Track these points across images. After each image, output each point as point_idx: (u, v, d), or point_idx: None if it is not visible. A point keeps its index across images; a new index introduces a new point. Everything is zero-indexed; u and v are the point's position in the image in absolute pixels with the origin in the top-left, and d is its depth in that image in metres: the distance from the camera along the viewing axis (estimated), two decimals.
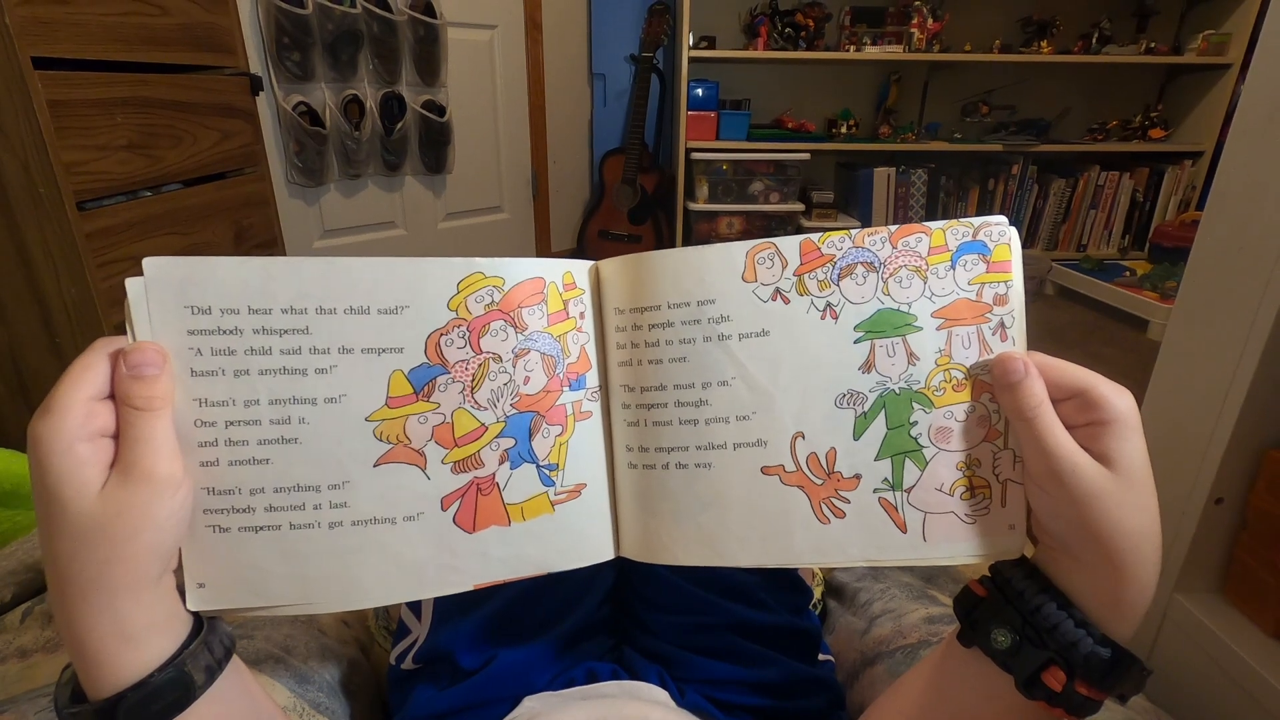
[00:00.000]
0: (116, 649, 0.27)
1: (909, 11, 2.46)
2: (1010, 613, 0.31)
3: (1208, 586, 0.74)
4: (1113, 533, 0.29)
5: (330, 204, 2.10)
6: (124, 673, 0.27)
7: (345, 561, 0.33)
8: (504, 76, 2.40)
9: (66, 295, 1.04)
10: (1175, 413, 0.74)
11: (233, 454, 0.31)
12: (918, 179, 2.62)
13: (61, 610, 0.27)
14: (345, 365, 0.32)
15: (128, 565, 0.27)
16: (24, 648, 0.70)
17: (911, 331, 0.33)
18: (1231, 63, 2.42)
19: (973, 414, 0.33)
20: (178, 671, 0.28)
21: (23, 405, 1.11)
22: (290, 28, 1.80)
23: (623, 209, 2.67)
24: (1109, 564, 0.29)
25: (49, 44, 0.98)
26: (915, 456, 0.33)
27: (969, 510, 0.33)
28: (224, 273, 0.31)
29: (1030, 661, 0.30)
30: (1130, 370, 1.83)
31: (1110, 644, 0.29)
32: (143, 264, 0.30)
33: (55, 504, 0.26)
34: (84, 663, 0.28)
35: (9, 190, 0.98)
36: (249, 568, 0.31)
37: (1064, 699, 0.29)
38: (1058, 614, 0.30)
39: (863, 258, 0.34)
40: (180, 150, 1.26)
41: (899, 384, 0.33)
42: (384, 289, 0.33)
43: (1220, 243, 0.69)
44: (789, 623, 0.52)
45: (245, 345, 0.31)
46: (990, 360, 0.33)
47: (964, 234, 0.33)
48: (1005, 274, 0.33)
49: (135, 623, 0.28)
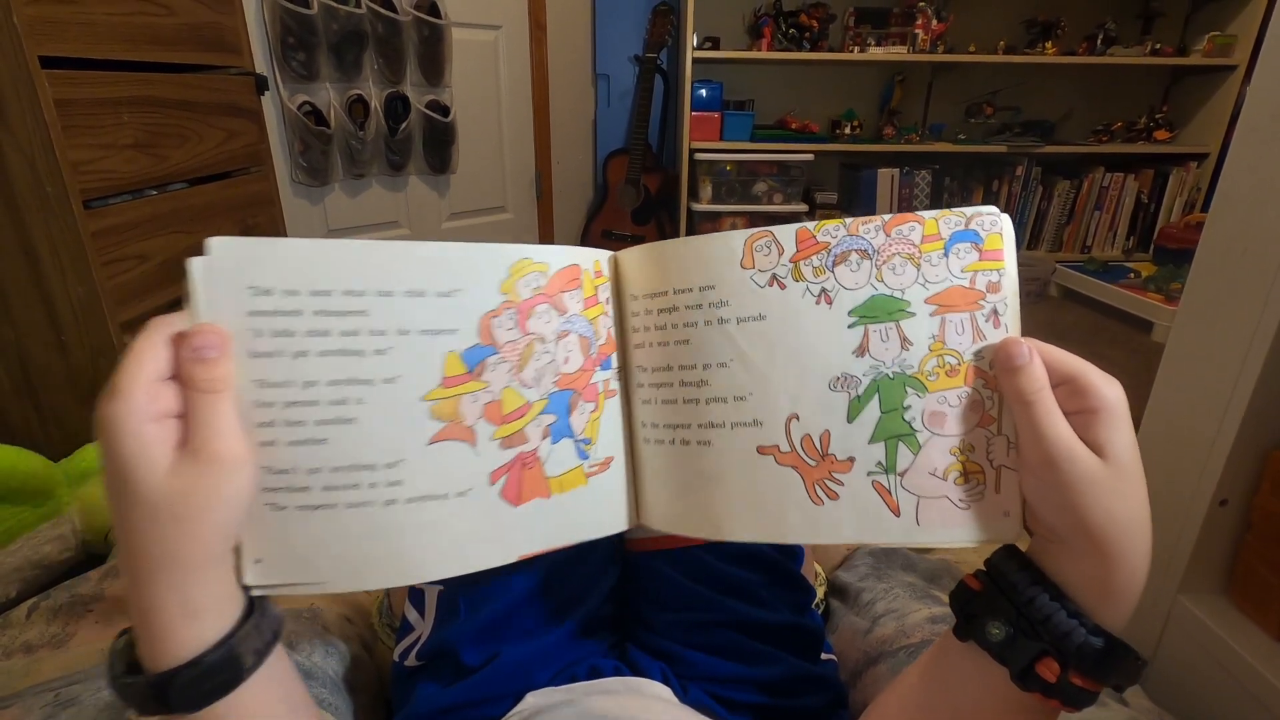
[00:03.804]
0: (180, 624, 0.28)
1: (913, 12, 2.46)
2: (1004, 605, 0.31)
3: (1212, 588, 0.74)
4: (1104, 521, 0.29)
5: (334, 203, 2.11)
6: (182, 649, 0.28)
7: (398, 539, 0.33)
8: (508, 77, 2.41)
9: (72, 293, 1.04)
10: (1180, 414, 0.74)
11: (291, 434, 0.31)
12: (922, 180, 2.62)
13: (132, 584, 0.28)
14: (402, 346, 0.33)
15: (196, 543, 0.28)
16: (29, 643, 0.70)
17: (905, 317, 0.34)
18: (1237, 64, 2.41)
19: (966, 399, 0.33)
20: (230, 651, 0.29)
21: (28, 403, 1.11)
22: (295, 28, 1.81)
23: (626, 209, 2.67)
24: (1100, 552, 0.29)
25: (56, 43, 0.98)
26: (909, 440, 0.34)
27: (963, 495, 0.33)
28: (286, 253, 0.31)
29: (1024, 653, 0.30)
30: (1135, 372, 1.82)
31: (1103, 634, 0.30)
32: (206, 243, 0.30)
33: (126, 484, 0.27)
34: (147, 635, 0.28)
35: (16, 188, 0.99)
36: (305, 545, 0.32)
37: (1058, 690, 0.30)
38: (1050, 605, 0.30)
39: (857, 245, 0.35)
40: (186, 149, 1.26)
41: (892, 368, 0.34)
42: (440, 272, 0.34)
43: (1225, 245, 0.69)
44: (792, 621, 0.52)
45: (305, 327, 0.31)
46: (988, 346, 0.33)
47: (957, 223, 0.34)
48: (998, 262, 0.33)
49: (198, 600, 0.28)
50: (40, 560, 0.93)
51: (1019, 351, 0.31)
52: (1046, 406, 0.30)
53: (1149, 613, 0.77)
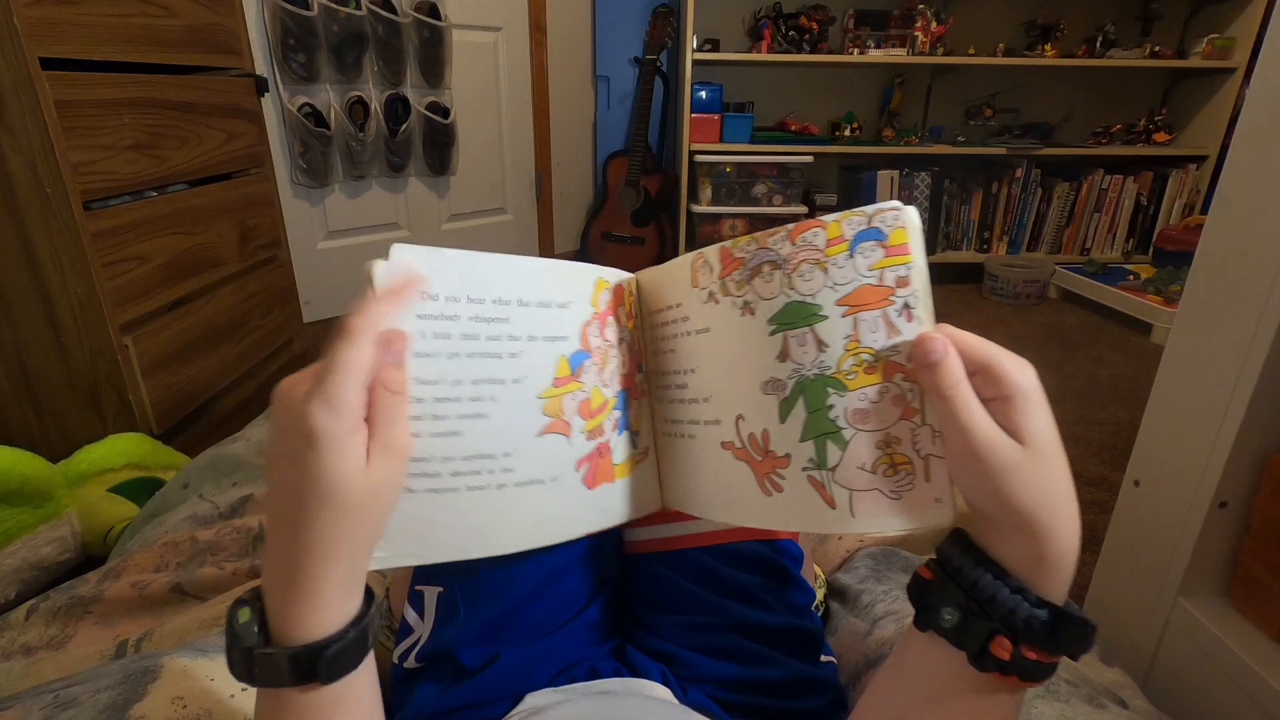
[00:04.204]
0: (338, 602, 0.31)
1: (913, 15, 2.46)
2: (955, 590, 0.32)
3: (1211, 590, 0.74)
4: (1028, 502, 0.30)
5: (334, 205, 2.11)
6: (332, 624, 0.30)
7: (500, 517, 0.37)
8: (508, 78, 2.41)
9: (72, 294, 1.04)
10: (1179, 416, 0.74)
11: (434, 427, 0.34)
12: (921, 182, 2.62)
13: (290, 568, 0.29)
14: (530, 351, 0.38)
15: (373, 532, 0.31)
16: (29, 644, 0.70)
17: (818, 321, 0.35)
18: (1236, 67, 2.41)
19: (887, 394, 0.34)
20: (364, 628, 0.32)
21: (28, 405, 1.11)
22: (295, 29, 1.81)
23: (626, 211, 2.67)
24: (1029, 531, 0.30)
25: (57, 44, 0.98)
26: (835, 438, 0.35)
27: (894, 486, 0.34)
28: (451, 262, 0.35)
29: (977, 634, 0.31)
30: (1134, 374, 1.82)
31: (1046, 605, 0.30)
32: (391, 250, 0.32)
33: (319, 487, 0.28)
34: (298, 612, 0.30)
35: (16, 190, 0.99)
36: (423, 524, 0.35)
37: (1014, 666, 0.31)
38: (994, 584, 0.31)
39: (767, 257, 0.37)
40: (186, 151, 1.26)
41: (812, 371, 0.35)
42: (560, 286, 0.39)
43: (1224, 247, 0.69)
44: (791, 623, 0.52)
45: (460, 330, 0.35)
46: (903, 341, 0.33)
47: (859, 223, 0.34)
48: (904, 256, 0.33)
49: (354, 581, 0.31)
50: (39, 562, 0.93)
51: (933, 348, 0.31)
52: (964, 399, 0.30)
53: (1149, 615, 0.77)
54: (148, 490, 1.02)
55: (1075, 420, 1.54)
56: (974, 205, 2.69)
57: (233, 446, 0.99)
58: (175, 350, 1.22)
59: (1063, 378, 1.81)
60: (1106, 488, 1.27)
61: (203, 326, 1.30)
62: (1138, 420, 0.79)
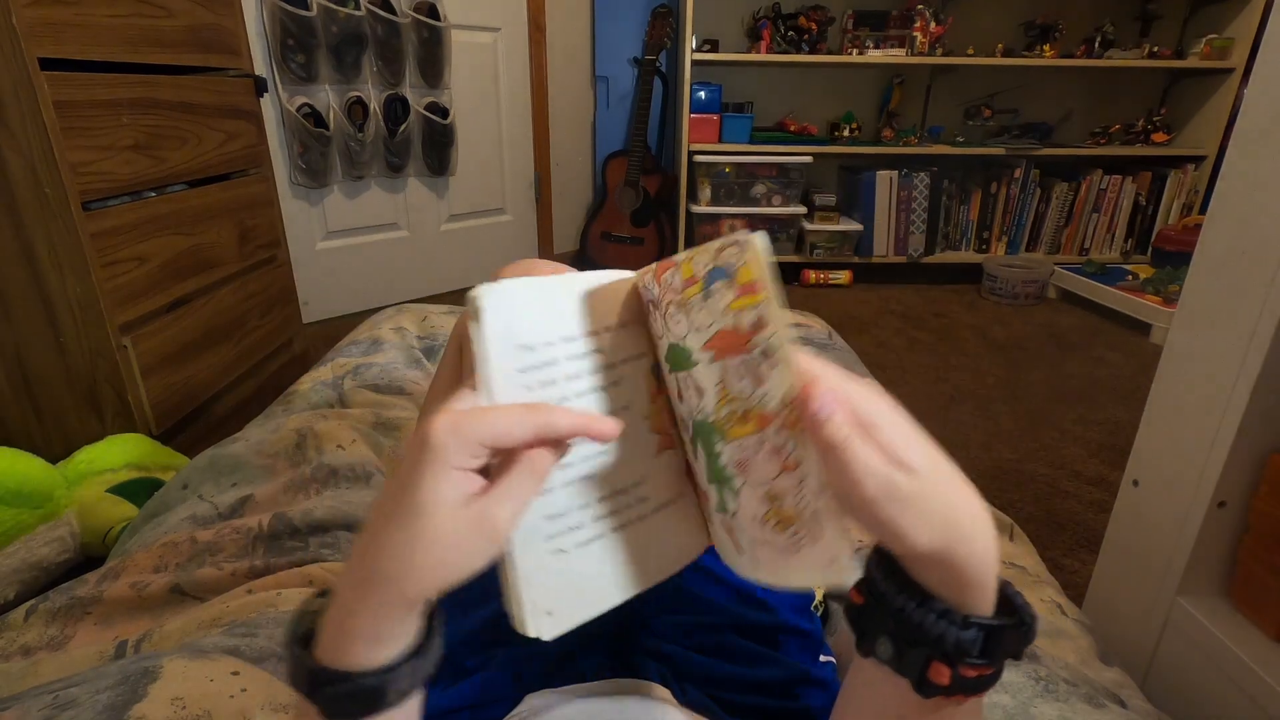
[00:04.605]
0: (360, 644, 0.30)
1: (912, 15, 2.46)
2: (884, 617, 0.31)
3: (1210, 590, 0.74)
4: (932, 535, 0.28)
5: (333, 205, 2.11)
6: (346, 660, 0.30)
7: (647, 548, 0.36)
8: (507, 79, 2.41)
9: (71, 294, 1.04)
10: (1178, 416, 0.74)
11: (563, 476, 0.33)
12: (920, 182, 2.62)
13: (351, 588, 0.30)
14: (627, 374, 0.36)
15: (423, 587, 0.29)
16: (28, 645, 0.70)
17: (693, 365, 0.33)
18: (1234, 67, 2.42)
19: (762, 447, 0.31)
20: (379, 683, 0.30)
21: (27, 405, 1.11)
22: (295, 30, 1.81)
23: (625, 211, 2.67)
24: (941, 559, 0.29)
25: (56, 45, 0.98)
26: (729, 485, 0.33)
27: (785, 543, 0.31)
28: (535, 301, 0.33)
29: (914, 662, 0.30)
30: (1133, 374, 1.83)
31: (974, 624, 0.30)
32: (479, 300, 0.31)
33: (419, 496, 0.28)
34: (332, 631, 0.30)
35: (15, 190, 0.99)
36: (585, 579, 0.33)
37: (957, 688, 0.30)
38: (919, 612, 0.30)
39: (649, 296, 0.36)
40: (185, 151, 1.26)
41: (698, 416, 0.34)
42: (625, 303, 0.37)
43: (1223, 247, 0.69)
44: (791, 623, 0.52)
45: (563, 372, 0.33)
46: (768, 393, 0.30)
47: (706, 261, 0.32)
48: (755, 296, 0.30)
49: (386, 631, 0.30)
50: (38, 562, 0.93)
51: (819, 407, 0.28)
52: (854, 450, 0.28)
53: (1148, 615, 0.77)
54: (147, 491, 1.02)
55: (1074, 420, 1.55)
56: (973, 205, 2.69)
57: (232, 447, 0.99)
58: (174, 351, 1.22)
59: (1062, 378, 1.81)
60: (1106, 487, 1.28)
61: (202, 327, 1.30)
62: (1137, 420, 0.79)
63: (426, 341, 1.44)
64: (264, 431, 1.02)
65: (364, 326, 1.47)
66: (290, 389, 1.22)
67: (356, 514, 0.86)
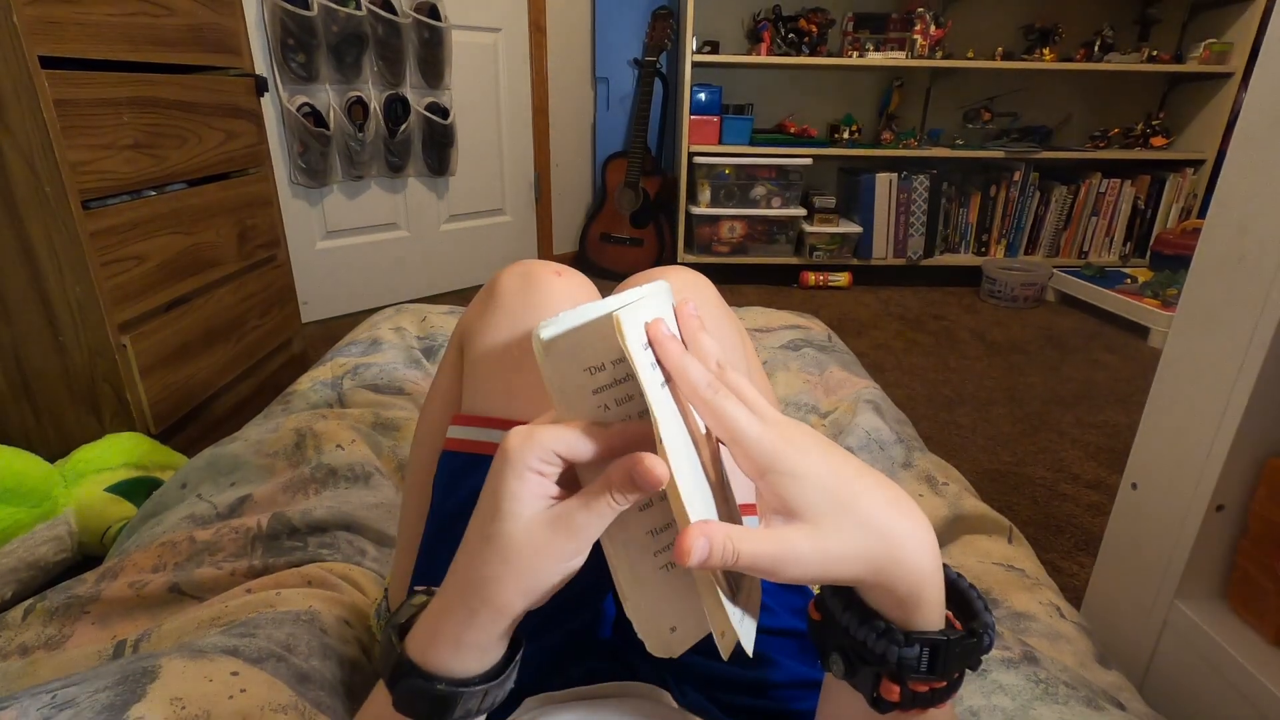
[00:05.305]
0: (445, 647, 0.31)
1: (911, 18, 2.47)
2: (835, 634, 0.32)
3: (1209, 593, 0.74)
4: (854, 569, 0.29)
5: (333, 205, 2.11)
6: (430, 661, 0.31)
7: None
8: (507, 79, 2.41)
9: (70, 293, 1.04)
10: (1177, 420, 0.74)
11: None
12: (919, 185, 2.63)
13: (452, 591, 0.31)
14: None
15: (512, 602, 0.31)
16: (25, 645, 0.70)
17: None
18: (1233, 71, 2.42)
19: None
20: (450, 695, 0.31)
21: (26, 404, 1.11)
22: (295, 29, 1.81)
23: (625, 212, 2.67)
24: (874, 584, 0.29)
25: (56, 43, 0.98)
26: None
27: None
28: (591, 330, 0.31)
29: (865, 678, 0.31)
30: (1132, 378, 1.83)
31: (918, 640, 0.29)
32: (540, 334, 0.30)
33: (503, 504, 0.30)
34: (427, 630, 0.32)
35: (15, 188, 0.98)
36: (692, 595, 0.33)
37: (909, 702, 0.30)
38: (861, 629, 0.30)
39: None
40: (185, 150, 1.26)
41: None
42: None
43: (1221, 251, 0.69)
44: (790, 625, 0.52)
45: (637, 390, 0.31)
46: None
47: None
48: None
49: (470, 640, 0.31)
50: (36, 561, 0.93)
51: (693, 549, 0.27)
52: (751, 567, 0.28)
53: (1146, 618, 0.77)
54: (145, 490, 1.02)
55: (1073, 423, 1.55)
56: (972, 208, 2.70)
57: (231, 446, 0.99)
58: (173, 350, 1.22)
59: (1060, 381, 1.82)
60: (1103, 490, 1.28)
61: (201, 326, 1.30)
62: (1135, 423, 0.80)
63: (426, 342, 1.44)
64: (263, 431, 1.02)
65: (363, 326, 1.47)
66: (289, 389, 1.22)
67: (356, 514, 0.85)
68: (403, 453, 1.04)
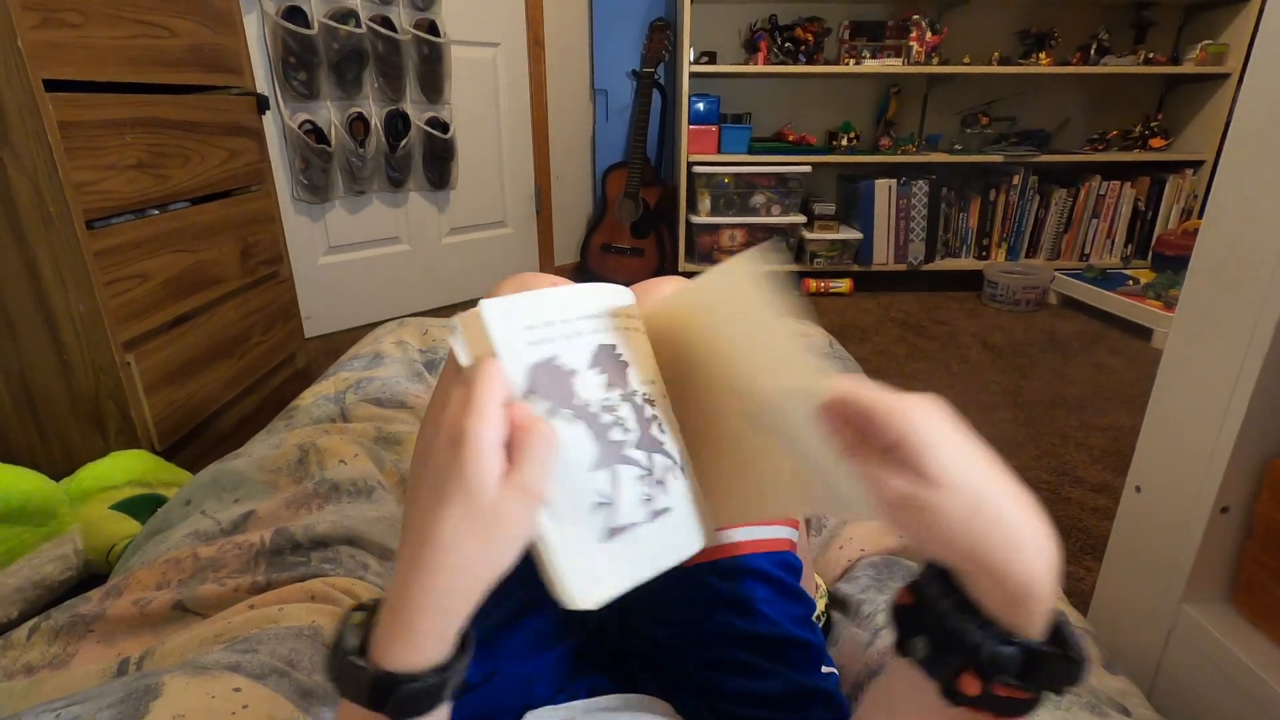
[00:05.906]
0: (432, 642, 0.31)
1: (908, 25, 2.48)
2: (927, 618, 0.31)
3: (1215, 596, 0.73)
4: (964, 546, 0.29)
5: (335, 220, 2.12)
6: (418, 661, 0.31)
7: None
8: (507, 93, 2.43)
9: (75, 312, 1.05)
10: (1179, 421, 0.74)
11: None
12: (919, 190, 2.63)
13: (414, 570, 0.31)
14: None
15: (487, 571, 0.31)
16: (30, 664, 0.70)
17: None
18: (1230, 72, 2.43)
19: None
20: (441, 679, 0.31)
21: (30, 423, 1.12)
22: (296, 48, 1.83)
23: (625, 223, 2.68)
24: (981, 570, 0.29)
25: (60, 66, 1.00)
26: None
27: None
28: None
29: (947, 667, 0.30)
30: (1135, 380, 1.82)
31: (1015, 642, 0.29)
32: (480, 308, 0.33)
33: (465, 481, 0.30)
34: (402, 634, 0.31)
35: (19, 209, 0.99)
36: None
37: (985, 703, 0.30)
38: (960, 618, 0.30)
39: None
40: (188, 169, 1.27)
41: None
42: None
43: (1220, 251, 0.69)
44: (791, 634, 0.52)
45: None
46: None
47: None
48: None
49: (451, 624, 0.31)
50: (41, 580, 0.93)
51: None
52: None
53: (1153, 622, 0.76)
54: (150, 507, 1.02)
55: (1076, 426, 1.54)
56: (972, 213, 2.70)
57: (235, 463, 0.99)
58: (177, 367, 1.22)
59: (1063, 384, 1.81)
60: (1109, 494, 1.27)
61: (204, 343, 1.30)
62: (1139, 425, 0.79)
63: (428, 355, 1.45)
64: (266, 447, 1.03)
65: (366, 340, 1.48)
66: (292, 404, 1.23)
67: (358, 529, 0.86)
68: (405, 466, 1.04)
